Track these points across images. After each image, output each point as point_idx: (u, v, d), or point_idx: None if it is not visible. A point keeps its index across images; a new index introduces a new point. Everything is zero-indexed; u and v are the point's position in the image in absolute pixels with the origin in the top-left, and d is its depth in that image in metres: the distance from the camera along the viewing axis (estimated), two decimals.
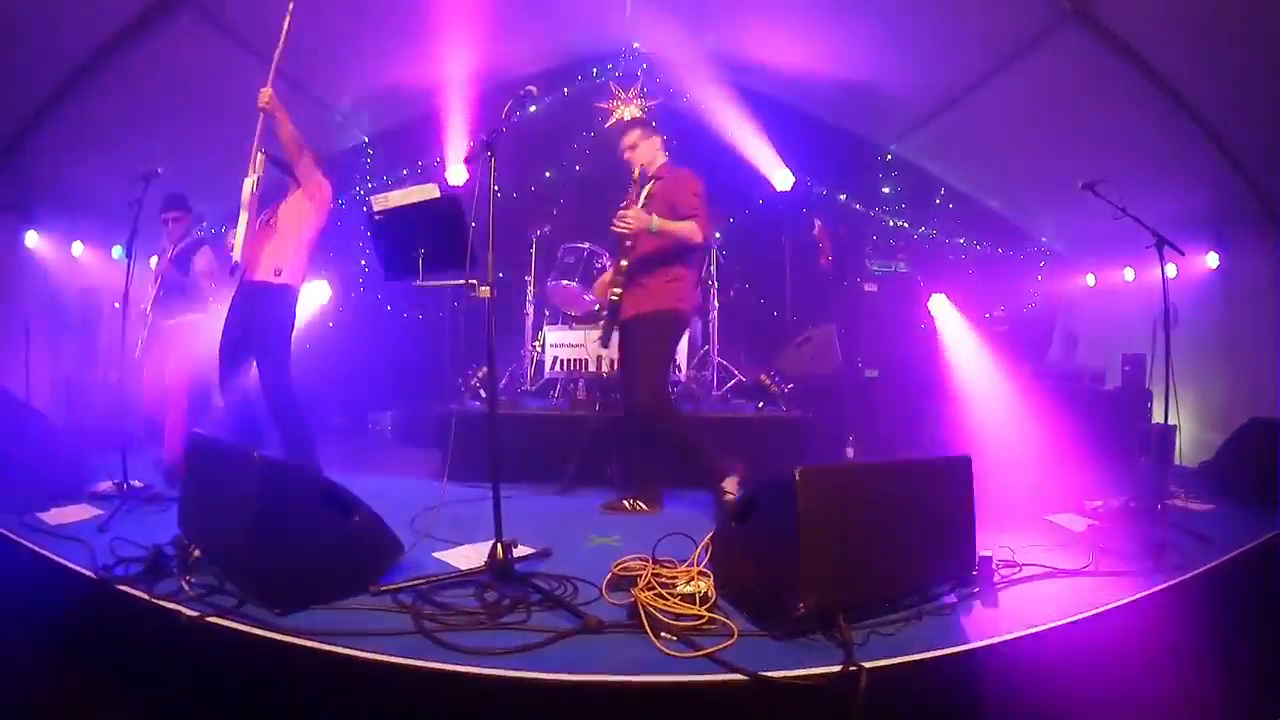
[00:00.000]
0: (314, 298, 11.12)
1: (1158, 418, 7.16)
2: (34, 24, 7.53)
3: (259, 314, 6.31)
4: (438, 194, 4.85)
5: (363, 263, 11.65)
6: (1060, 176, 7.46)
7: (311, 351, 8.89)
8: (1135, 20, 7.50)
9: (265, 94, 6.18)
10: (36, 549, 4.93)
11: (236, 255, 6.12)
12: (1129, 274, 10.36)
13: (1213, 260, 9.30)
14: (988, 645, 3.44)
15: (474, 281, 4.45)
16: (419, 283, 4.76)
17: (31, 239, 9.87)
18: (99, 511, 5.92)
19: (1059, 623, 3.67)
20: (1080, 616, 3.76)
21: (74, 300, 10.56)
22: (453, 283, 4.78)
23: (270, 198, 6.55)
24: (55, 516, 5.77)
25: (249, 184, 6.19)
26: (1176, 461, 8.86)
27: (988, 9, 8.17)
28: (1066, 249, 11.60)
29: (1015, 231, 11.81)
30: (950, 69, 9.43)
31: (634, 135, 6.73)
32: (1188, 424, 9.06)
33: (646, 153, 6.66)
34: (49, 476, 6.54)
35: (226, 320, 6.47)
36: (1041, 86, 8.77)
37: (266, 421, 6.45)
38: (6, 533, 5.26)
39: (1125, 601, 3.98)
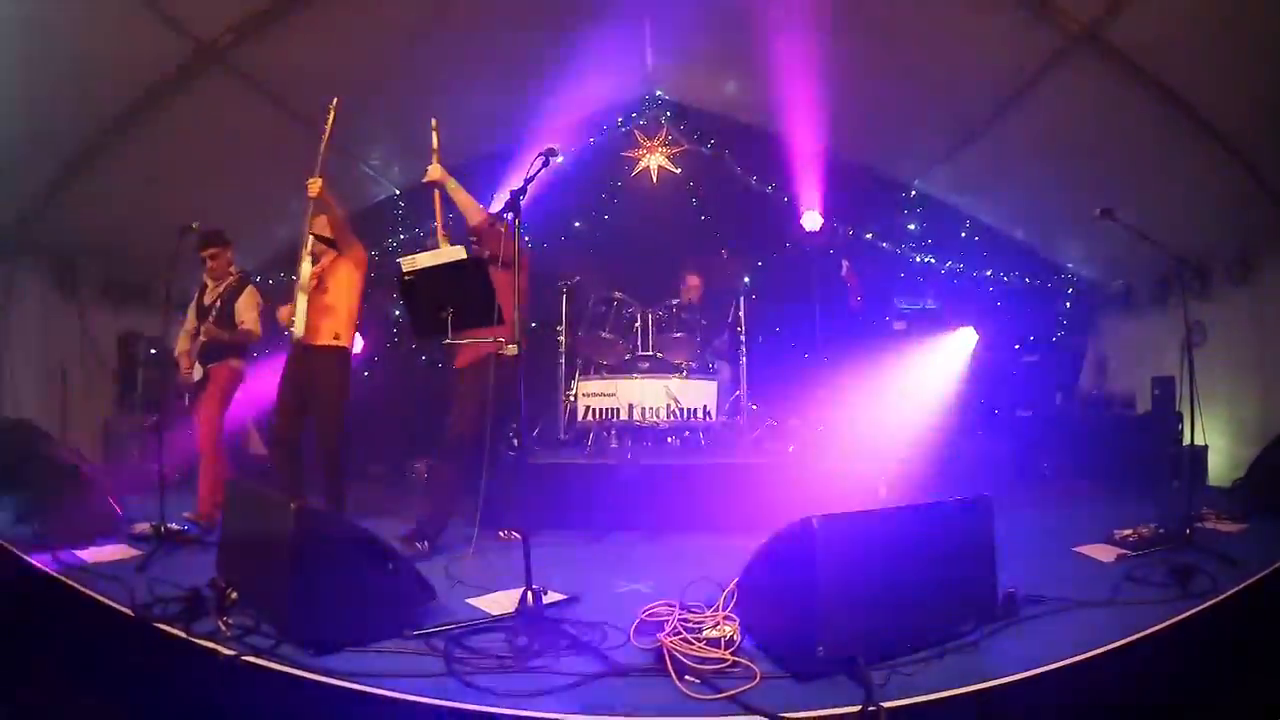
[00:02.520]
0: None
1: (1188, 439, 7.11)
2: (73, 78, 7.69)
3: (320, 376, 6.62)
4: (465, 255, 4.96)
5: (396, 314, 11.78)
6: (1083, 203, 7.47)
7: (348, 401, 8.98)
8: (1148, 42, 7.52)
9: (315, 185, 6.45)
10: (74, 585, 5.01)
11: (299, 332, 6.43)
12: (1154, 295, 10.29)
13: (1239, 274, 9.23)
14: (1007, 682, 3.45)
15: (501, 340, 4.54)
16: (448, 341, 4.86)
17: (68, 285, 10.01)
18: (136, 552, 6.02)
19: (1080, 657, 3.65)
20: (1103, 649, 3.74)
21: (111, 345, 10.67)
22: (480, 340, 4.89)
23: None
24: (92, 555, 5.89)
25: (306, 268, 6.54)
26: (1209, 482, 8.82)
27: (1000, 40, 8.20)
28: (1094, 274, 11.55)
29: (1042, 260, 11.74)
30: (968, 101, 9.47)
31: None
32: (1221, 442, 9.04)
33: None
34: (85, 516, 6.64)
35: (283, 382, 6.73)
36: (1059, 113, 8.81)
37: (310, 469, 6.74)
38: (43, 568, 5.38)
39: (1149, 632, 3.96)
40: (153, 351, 10.50)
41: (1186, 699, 3.71)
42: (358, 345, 11.13)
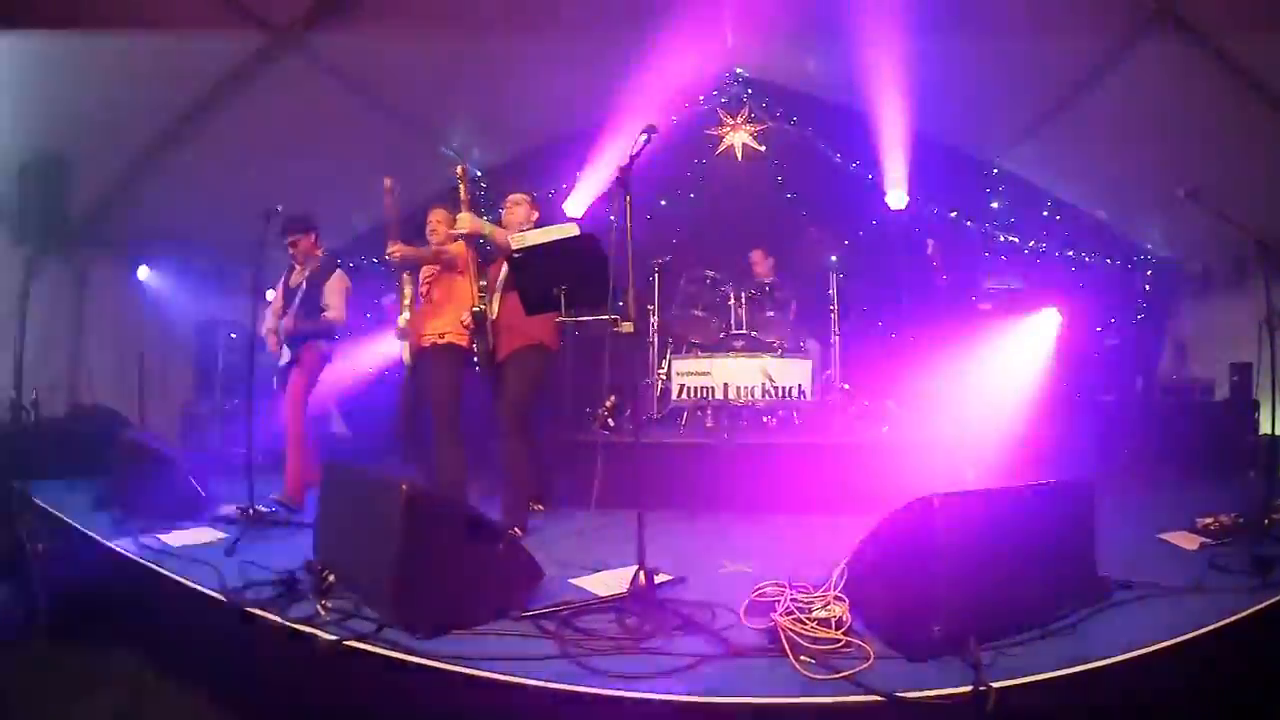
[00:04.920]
0: None
1: (1266, 428, 6.98)
2: (146, 69, 7.76)
3: (430, 366, 6.84)
4: (577, 232, 4.94)
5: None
6: (1163, 182, 7.36)
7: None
8: (1217, 19, 7.44)
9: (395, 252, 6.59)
10: (160, 570, 5.02)
11: (408, 359, 6.95)
12: (1233, 278, 10.12)
13: None
14: (1109, 664, 3.44)
15: (616, 317, 4.54)
16: (561, 318, 4.87)
17: (144, 273, 10.16)
18: (222, 535, 6.00)
19: (1176, 640, 3.65)
20: (1196, 633, 3.74)
21: (189, 331, 10.78)
22: (596, 318, 4.89)
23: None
24: (177, 539, 5.85)
25: (403, 319, 6.94)
26: None
27: (1078, 17, 8.09)
28: (1173, 255, 11.35)
29: (1122, 240, 11.54)
30: (1048, 78, 9.34)
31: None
32: None
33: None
34: (169, 499, 6.70)
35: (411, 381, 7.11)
36: (1137, 90, 8.67)
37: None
38: (126, 553, 5.41)
39: (1234, 619, 3.93)
40: (233, 336, 10.59)
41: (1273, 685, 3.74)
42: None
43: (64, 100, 7.78)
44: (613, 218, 5.33)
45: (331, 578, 4.37)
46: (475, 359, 6.67)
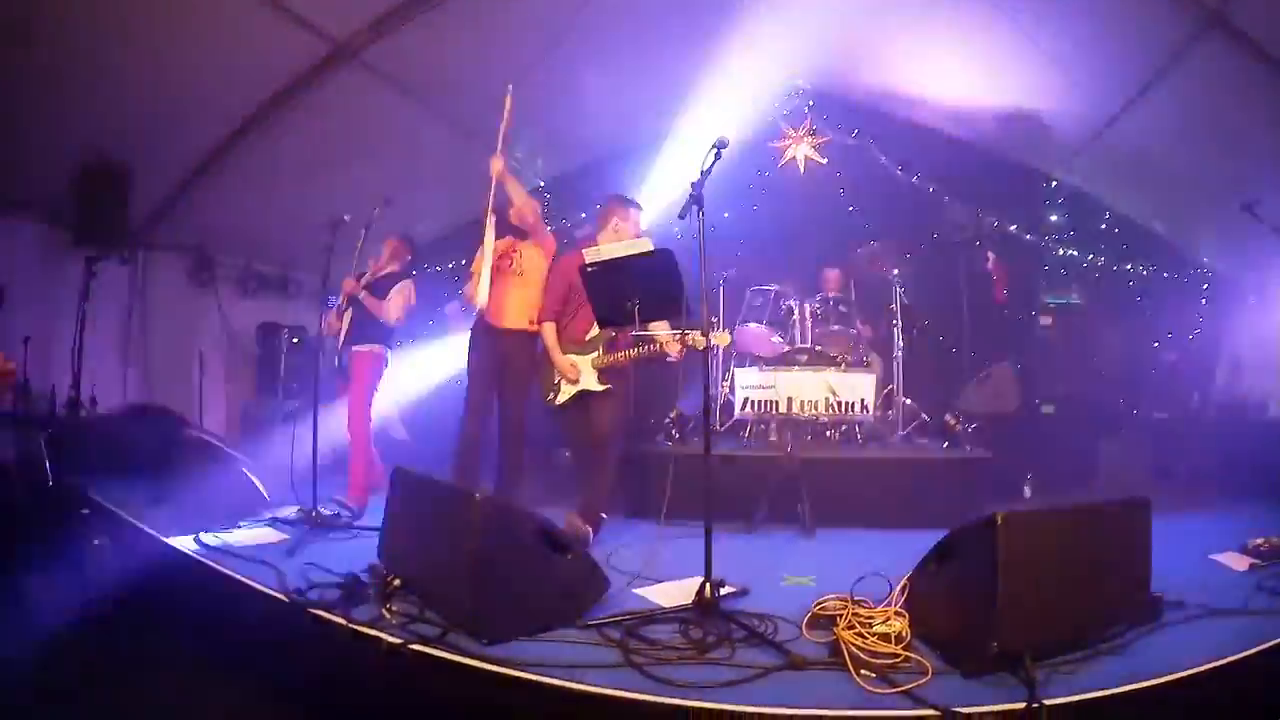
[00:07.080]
0: None
1: None
2: (206, 78, 7.88)
3: (512, 358, 6.83)
4: (651, 248, 5.00)
5: None
6: (1220, 194, 7.29)
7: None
8: (1272, 27, 7.28)
9: (497, 164, 6.67)
10: (221, 569, 5.12)
11: (482, 301, 6.63)
12: None
13: None
14: (1161, 683, 3.47)
15: (688, 332, 4.60)
16: (636, 332, 4.94)
17: (204, 276, 10.28)
18: (283, 536, 6.10)
19: (1226, 660, 3.68)
20: (1242, 655, 3.75)
21: (250, 334, 10.96)
22: (668, 333, 4.95)
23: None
24: (238, 538, 5.95)
25: (488, 243, 6.71)
26: None
27: (1129, 26, 7.99)
28: (1229, 269, 11.08)
29: (1178, 254, 11.27)
30: (1103, 90, 9.18)
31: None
32: None
33: None
34: (230, 498, 6.82)
35: (476, 362, 6.92)
36: (1192, 101, 8.49)
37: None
38: (186, 551, 5.52)
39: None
40: (295, 341, 10.70)
41: None
42: None
43: (127, 102, 7.89)
44: (675, 229, 5.38)
45: (396, 581, 4.44)
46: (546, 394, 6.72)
